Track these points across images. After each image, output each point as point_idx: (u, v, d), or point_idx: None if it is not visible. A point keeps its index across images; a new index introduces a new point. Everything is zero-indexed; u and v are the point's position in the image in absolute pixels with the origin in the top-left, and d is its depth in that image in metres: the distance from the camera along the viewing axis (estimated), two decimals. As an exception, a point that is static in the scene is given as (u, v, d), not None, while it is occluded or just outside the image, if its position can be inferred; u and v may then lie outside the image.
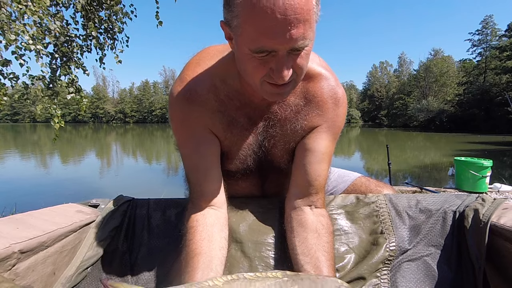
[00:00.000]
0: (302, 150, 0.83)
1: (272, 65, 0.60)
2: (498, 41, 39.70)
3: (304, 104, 0.80)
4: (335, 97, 0.80)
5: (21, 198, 4.99)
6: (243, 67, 0.66)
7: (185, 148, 0.83)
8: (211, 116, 0.78)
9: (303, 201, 0.82)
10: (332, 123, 0.82)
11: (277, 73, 0.60)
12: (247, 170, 0.88)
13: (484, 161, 3.89)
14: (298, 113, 0.80)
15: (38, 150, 16.20)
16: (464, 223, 0.82)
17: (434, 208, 0.88)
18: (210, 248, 0.73)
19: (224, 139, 0.82)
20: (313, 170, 0.82)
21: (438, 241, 0.85)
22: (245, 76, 0.68)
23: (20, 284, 0.63)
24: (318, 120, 0.81)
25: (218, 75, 0.78)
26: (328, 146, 0.83)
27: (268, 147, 0.85)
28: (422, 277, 0.81)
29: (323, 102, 0.80)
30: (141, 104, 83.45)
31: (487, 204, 0.82)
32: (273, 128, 0.82)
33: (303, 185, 0.83)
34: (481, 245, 0.74)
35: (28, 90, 3.57)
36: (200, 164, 0.81)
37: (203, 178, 0.81)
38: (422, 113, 44.04)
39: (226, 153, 0.85)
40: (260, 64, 0.60)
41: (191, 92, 0.77)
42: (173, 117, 0.81)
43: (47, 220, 0.78)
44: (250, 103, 0.79)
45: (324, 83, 0.79)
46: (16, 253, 0.62)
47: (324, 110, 0.80)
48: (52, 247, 0.72)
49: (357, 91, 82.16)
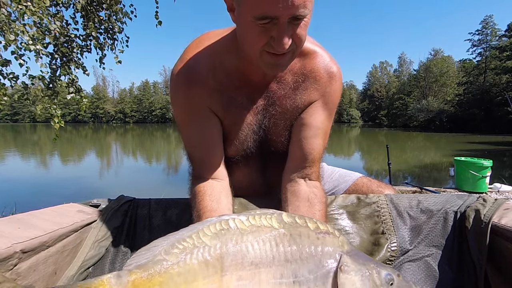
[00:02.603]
0: (298, 125, 0.86)
1: (273, 33, 0.62)
2: (498, 41, 39.66)
3: (302, 81, 0.82)
4: (330, 72, 0.83)
5: (21, 198, 4.99)
6: (244, 37, 0.67)
7: (187, 126, 0.85)
8: (210, 95, 0.80)
9: (298, 174, 0.85)
10: (327, 98, 0.85)
11: (277, 41, 0.62)
12: (248, 152, 0.89)
13: (484, 161, 3.89)
14: (296, 89, 0.82)
15: (38, 150, 16.19)
16: (465, 223, 0.82)
17: (435, 208, 0.88)
18: (220, 208, 0.76)
19: (223, 118, 0.84)
20: (309, 144, 0.84)
21: (439, 242, 0.85)
22: (246, 46, 0.69)
23: (22, 284, 0.63)
24: (315, 95, 0.83)
25: (217, 54, 0.79)
26: (323, 121, 0.86)
27: (268, 126, 0.86)
28: (423, 277, 0.81)
29: (319, 77, 0.82)
30: (141, 104, 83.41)
31: (488, 204, 0.82)
32: (272, 107, 0.83)
33: (299, 158, 0.85)
34: (483, 245, 0.74)
35: (28, 90, 3.57)
36: (202, 141, 0.84)
37: (206, 153, 0.84)
38: (422, 113, 44.03)
39: (227, 134, 0.87)
40: (262, 32, 0.62)
41: (190, 72, 0.79)
42: (174, 97, 0.83)
43: (48, 220, 0.78)
44: (249, 82, 0.81)
45: (320, 59, 0.82)
46: (17, 253, 0.62)
47: (320, 85, 0.83)
48: (53, 247, 0.72)
49: (357, 91, 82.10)
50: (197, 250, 0.49)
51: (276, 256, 0.50)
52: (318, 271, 0.51)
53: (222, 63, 0.79)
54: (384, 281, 0.52)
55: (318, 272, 0.51)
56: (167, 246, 0.49)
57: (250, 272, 0.49)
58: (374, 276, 0.52)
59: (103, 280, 0.44)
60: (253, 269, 0.49)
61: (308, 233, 0.53)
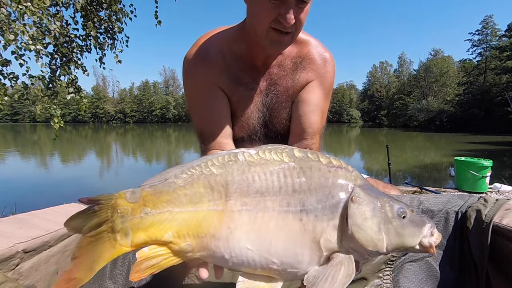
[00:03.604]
0: (297, 102, 0.96)
1: (281, 10, 0.73)
2: (498, 41, 39.66)
3: (300, 63, 0.95)
4: (323, 56, 0.96)
5: (21, 198, 4.99)
6: (255, 13, 0.78)
7: (198, 104, 0.94)
8: (220, 73, 0.90)
9: (298, 145, 0.93)
10: (322, 78, 0.96)
11: (284, 17, 0.73)
12: (253, 133, 0.98)
13: (484, 161, 3.89)
14: (295, 70, 0.95)
15: (38, 150, 16.19)
16: (466, 223, 0.82)
17: (437, 208, 0.88)
18: None
19: (231, 95, 0.93)
20: (307, 119, 0.94)
21: (441, 242, 0.84)
22: (255, 22, 0.79)
23: (24, 283, 0.63)
24: (311, 75, 0.95)
25: (225, 41, 0.91)
26: (320, 99, 0.96)
27: (271, 105, 0.96)
28: (425, 277, 0.81)
29: (314, 60, 0.95)
30: (141, 104, 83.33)
31: (490, 204, 0.82)
32: (274, 86, 0.94)
33: (299, 132, 0.95)
34: (484, 245, 0.74)
35: (28, 90, 3.57)
36: (211, 115, 0.92)
37: (215, 127, 0.92)
38: (422, 113, 44.03)
39: (234, 111, 0.95)
40: (272, 8, 0.73)
41: (201, 53, 0.90)
42: (186, 77, 0.93)
43: (49, 219, 0.78)
44: (254, 66, 0.92)
45: (313, 46, 0.96)
46: (19, 252, 0.62)
47: (315, 66, 0.95)
48: (55, 246, 0.72)
49: (357, 91, 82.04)
50: (204, 176, 0.51)
51: (284, 187, 0.50)
52: (327, 201, 0.50)
53: (230, 49, 0.90)
54: (396, 214, 0.50)
55: (327, 202, 0.50)
56: (177, 171, 0.53)
57: (255, 200, 0.49)
58: (387, 208, 0.50)
59: (120, 194, 0.50)
60: (258, 197, 0.50)
61: (319, 166, 0.52)
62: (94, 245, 0.50)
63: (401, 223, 0.50)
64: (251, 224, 0.49)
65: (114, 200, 0.50)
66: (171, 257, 0.50)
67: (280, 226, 0.49)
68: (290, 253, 0.48)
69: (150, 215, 0.49)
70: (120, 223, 0.49)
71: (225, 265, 0.51)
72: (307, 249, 0.48)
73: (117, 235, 0.49)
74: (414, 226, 0.50)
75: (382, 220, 0.49)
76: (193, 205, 0.50)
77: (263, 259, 0.48)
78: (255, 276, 0.50)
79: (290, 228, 0.49)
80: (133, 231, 0.49)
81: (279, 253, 0.48)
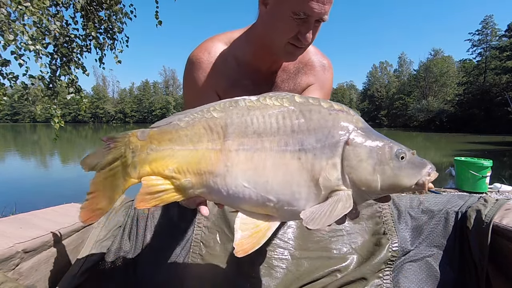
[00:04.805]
0: None
1: (301, 29, 0.76)
2: (498, 41, 39.60)
3: (301, 67, 0.99)
4: (322, 63, 1.01)
5: (21, 198, 4.98)
6: (275, 27, 0.80)
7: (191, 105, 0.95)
8: (218, 77, 0.92)
9: None
10: (322, 83, 1.00)
11: (304, 36, 0.77)
12: None
13: (484, 161, 3.89)
14: (297, 74, 0.99)
15: (38, 150, 16.18)
16: (466, 223, 0.82)
17: (437, 208, 0.88)
18: None
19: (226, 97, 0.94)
20: None
21: (441, 242, 0.85)
22: (275, 36, 0.81)
23: (24, 283, 0.63)
24: (311, 79, 0.99)
25: (230, 47, 0.93)
26: None
27: None
28: (425, 277, 0.81)
29: (314, 67, 1.00)
30: (141, 104, 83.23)
31: (490, 205, 0.82)
32: (277, 89, 0.97)
33: None
34: (484, 245, 0.74)
35: (28, 90, 3.57)
36: None
37: None
38: (422, 113, 44.01)
39: None
40: (294, 26, 0.76)
41: (203, 54, 0.91)
42: (185, 78, 0.94)
43: (50, 219, 0.78)
44: (257, 71, 0.94)
45: (313, 54, 1.00)
46: (19, 252, 0.62)
47: (315, 72, 1.00)
48: (55, 246, 0.72)
49: (357, 91, 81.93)
50: (204, 119, 0.55)
51: (282, 127, 0.51)
52: (326, 141, 0.50)
53: (234, 54, 0.92)
54: (394, 155, 0.50)
55: (327, 141, 0.50)
56: (181, 116, 0.58)
57: (253, 140, 0.52)
58: (385, 150, 0.51)
59: (133, 133, 0.57)
60: (256, 138, 0.52)
61: (319, 109, 0.53)
62: (111, 179, 0.57)
63: (398, 164, 0.50)
64: (247, 163, 0.51)
65: (128, 138, 0.57)
66: (174, 192, 0.55)
67: (277, 164, 0.50)
68: (287, 191, 0.50)
69: (154, 151, 0.56)
70: (131, 158, 0.56)
71: (224, 202, 0.55)
72: (305, 187, 0.49)
73: (128, 168, 0.56)
74: (412, 168, 0.51)
75: (378, 161, 0.50)
76: (193, 144, 0.55)
77: (260, 197, 0.50)
78: (254, 214, 0.52)
79: (287, 166, 0.50)
80: (140, 165, 0.56)
81: (276, 190, 0.50)
